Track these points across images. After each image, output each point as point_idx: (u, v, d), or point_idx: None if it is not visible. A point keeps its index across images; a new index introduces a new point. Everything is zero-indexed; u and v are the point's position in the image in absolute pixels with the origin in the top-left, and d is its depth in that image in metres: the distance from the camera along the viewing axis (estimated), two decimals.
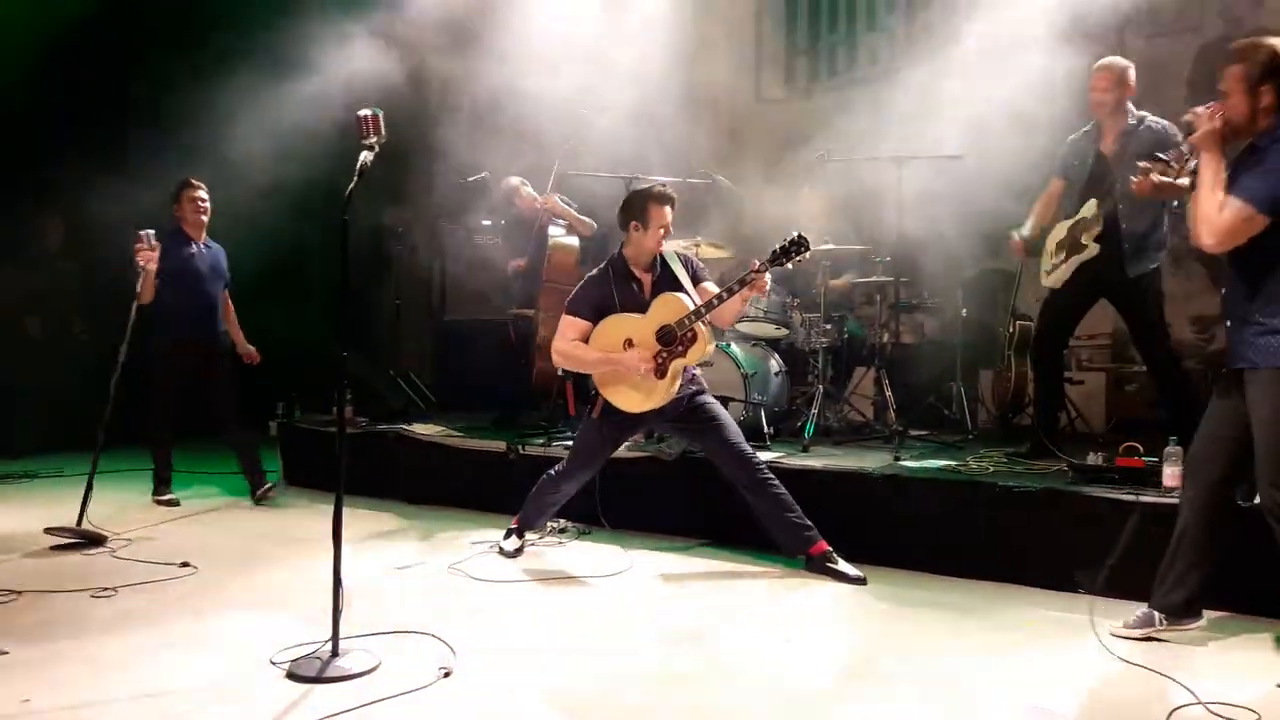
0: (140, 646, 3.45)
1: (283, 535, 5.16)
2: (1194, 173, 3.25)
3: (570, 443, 5.46)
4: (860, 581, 4.18)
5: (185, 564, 4.44)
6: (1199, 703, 2.91)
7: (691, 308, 4.26)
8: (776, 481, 4.35)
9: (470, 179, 7.14)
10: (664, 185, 4.52)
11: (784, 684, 3.16)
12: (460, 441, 5.91)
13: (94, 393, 5.07)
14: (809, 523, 4.31)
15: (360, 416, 6.23)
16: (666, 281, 4.44)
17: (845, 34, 8.03)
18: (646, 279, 4.47)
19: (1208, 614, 3.52)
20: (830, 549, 4.30)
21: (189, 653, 3.40)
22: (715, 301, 4.24)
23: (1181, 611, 3.44)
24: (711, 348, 4.37)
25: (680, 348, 4.29)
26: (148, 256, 5.39)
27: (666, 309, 4.32)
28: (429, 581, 4.32)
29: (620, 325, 4.40)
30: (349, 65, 7.02)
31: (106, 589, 4.08)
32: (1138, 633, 3.47)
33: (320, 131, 7.11)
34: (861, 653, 3.45)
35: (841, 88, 7.90)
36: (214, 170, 6.66)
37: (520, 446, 5.55)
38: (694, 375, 4.51)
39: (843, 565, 4.25)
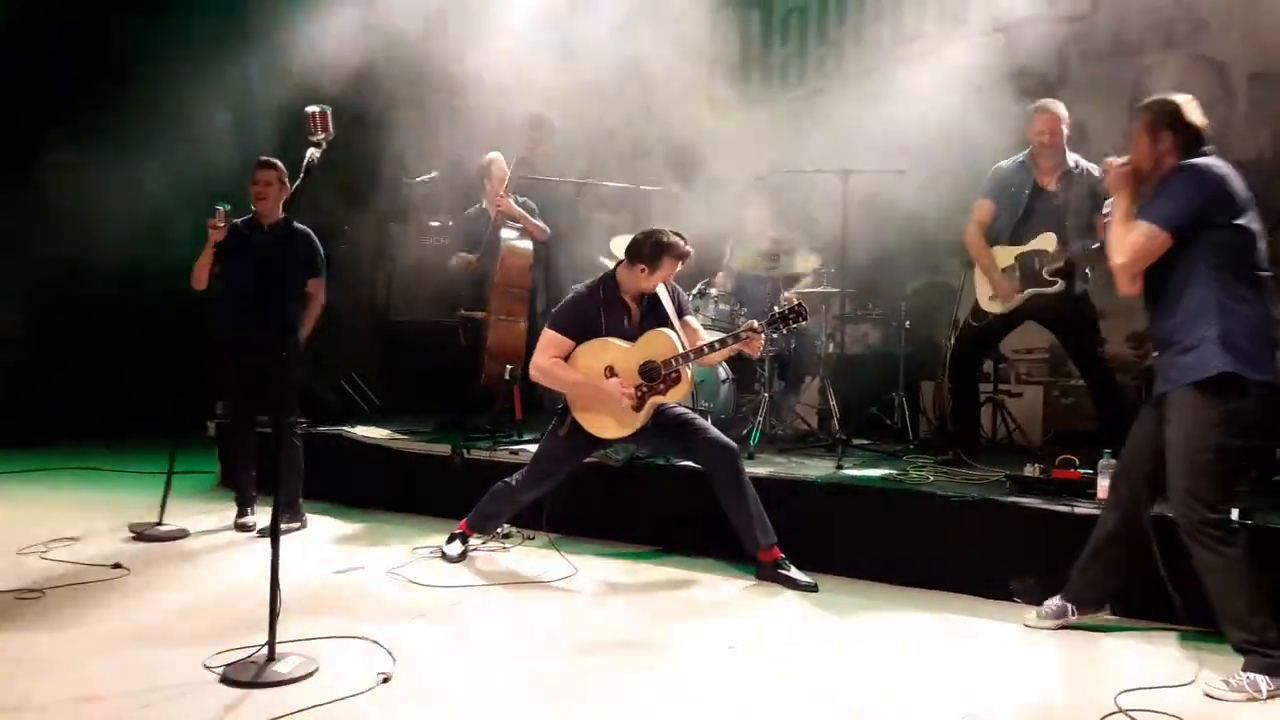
0: (67, 650, 3.36)
1: (219, 537, 5.07)
2: None
3: (516, 447, 5.46)
4: (812, 588, 4.21)
5: (117, 565, 4.34)
6: (1121, 710, 2.99)
7: (681, 350, 4.28)
8: (743, 476, 4.38)
9: (419, 179, 7.08)
10: (684, 241, 4.39)
11: (726, 691, 3.17)
12: (403, 445, 5.85)
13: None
14: (770, 526, 4.35)
15: (301, 418, 6.13)
16: (654, 312, 4.45)
17: (797, 47, 8.11)
18: (635, 308, 4.48)
19: (1139, 624, 3.62)
20: (783, 556, 4.33)
21: (119, 657, 3.32)
22: (705, 349, 4.28)
23: (1091, 603, 3.69)
24: (688, 392, 4.40)
25: (662, 386, 4.31)
26: (215, 234, 4.95)
27: (655, 345, 4.33)
28: (369, 585, 4.26)
29: (604, 351, 4.39)
30: (298, 64, 6.94)
31: (33, 591, 3.97)
32: (1052, 624, 3.68)
33: (266, 129, 7.04)
34: (803, 660, 3.47)
35: (792, 100, 7.97)
36: (155, 162, 6.56)
37: (465, 451, 5.51)
38: None
39: (794, 572, 4.29)
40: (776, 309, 4.29)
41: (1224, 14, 5.80)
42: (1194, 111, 3.34)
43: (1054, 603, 3.74)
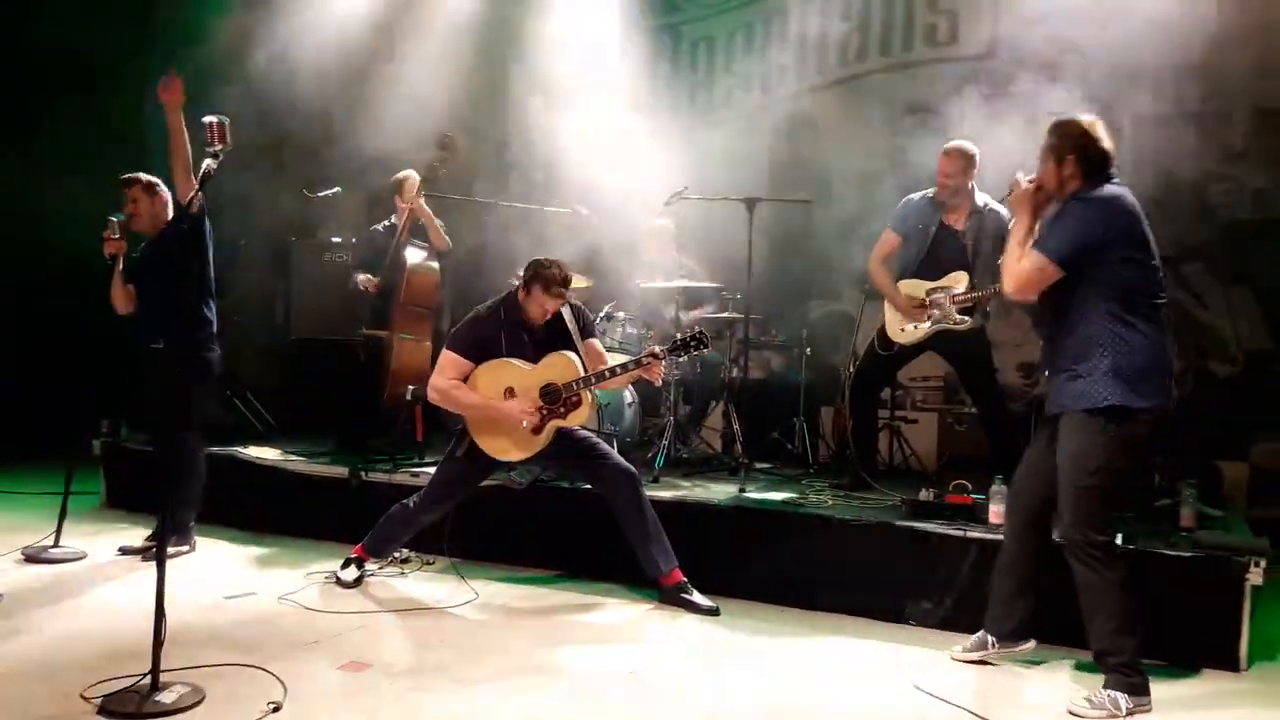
0: None
1: (101, 561, 4.84)
2: None
3: (416, 469, 5.37)
4: (713, 612, 4.23)
5: None
6: None
7: (582, 374, 4.26)
8: (644, 501, 4.38)
9: (320, 194, 6.94)
10: (561, 272, 4.32)
11: (627, 716, 3.16)
12: (299, 466, 5.69)
13: None
14: (671, 550, 4.35)
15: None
16: (556, 333, 4.41)
17: (705, 75, 8.24)
18: (536, 329, 4.43)
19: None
20: (685, 580, 4.34)
21: None
22: (606, 374, 4.28)
23: (1011, 635, 3.67)
24: (588, 416, 4.38)
25: (562, 409, 4.29)
26: (113, 247, 4.86)
27: (556, 368, 4.31)
28: (260, 612, 4.12)
29: (503, 372, 4.36)
30: (200, 74, 6.77)
31: None
32: (974, 655, 3.71)
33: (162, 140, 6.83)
34: (703, 684, 3.48)
35: (700, 127, 8.09)
36: (46, 176, 6.32)
37: (364, 473, 5.39)
38: None
39: (696, 596, 4.30)
40: (678, 336, 4.30)
41: (1109, 56, 6.10)
42: (1101, 134, 3.37)
43: (977, 635, 3.75)
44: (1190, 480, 4.55)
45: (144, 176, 4.96)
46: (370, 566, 4.66)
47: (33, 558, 4.76)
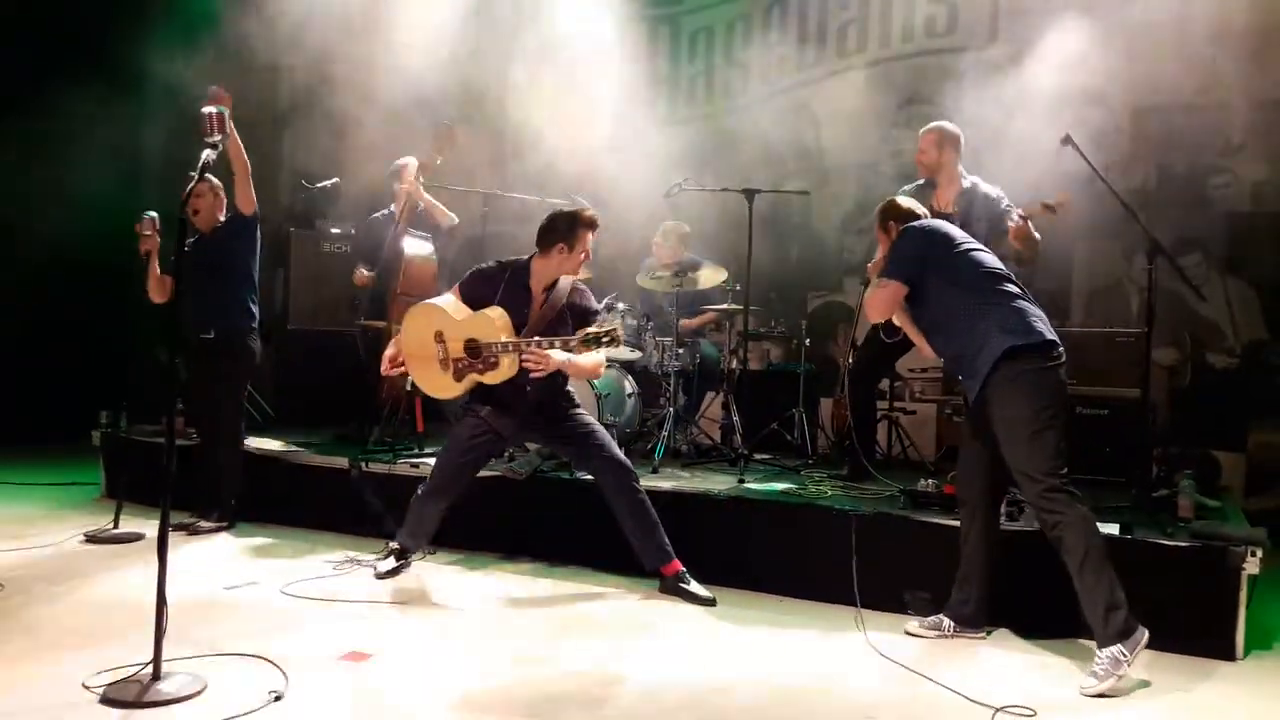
0: None
1: (102, 551, 4.86)
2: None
3: (417, 460, 5.38)
4: (710, 603, 4.24)
5: None
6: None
7: (501, 339, 4.21)
8: (646, 496, 4.39)
9: (318, 185, 6.94)
10: (590, 209, 4.43)
11: (629, 706, 3.18)
12: (299, 457, 5.70)
13: None
14: (668, 541, 4.36)
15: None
16: (555, 314, 4.38)
17: (704, 66, 8.23)
18: (540, 298, 4.40)
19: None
20: (684, 570, 4.35)
21: None
22: (524, 344, 4.16)
23: (968, 621, 3.87)
24: (507, 376, 4.25)
25: (480, 366, 4.28)
26: (149, 244, 5.08)
27: (482, 325, 4.28)
28: (261, 602, 4.13)
29: (440, 315, 4.37)
30: (195, 66, 6.76)
31: None
32: (930, 634, 3.90)
33: (160, 133, 6.84)
34: (702, 674, 3.50)
35: (698, 119, 8.09)
36: (50, 168, 6.32)
37: (364, 464, 5.40)
38: (567, 390, 4.53)
39: (694, 586, 4.31)
40: (592, 331, 4.04)
41: (1108, 48, 6.10)
42: (905, 201, 4.10)
43: (935, 617, 3.94)
44: (1188, 471, 4.58)
45: (212, 179, 5.12)
46: (411, 558, 4.66)
47: (94, 538, 5.01)
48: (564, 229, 4.33)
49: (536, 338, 4.21)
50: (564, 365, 4.24)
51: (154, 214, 5.10)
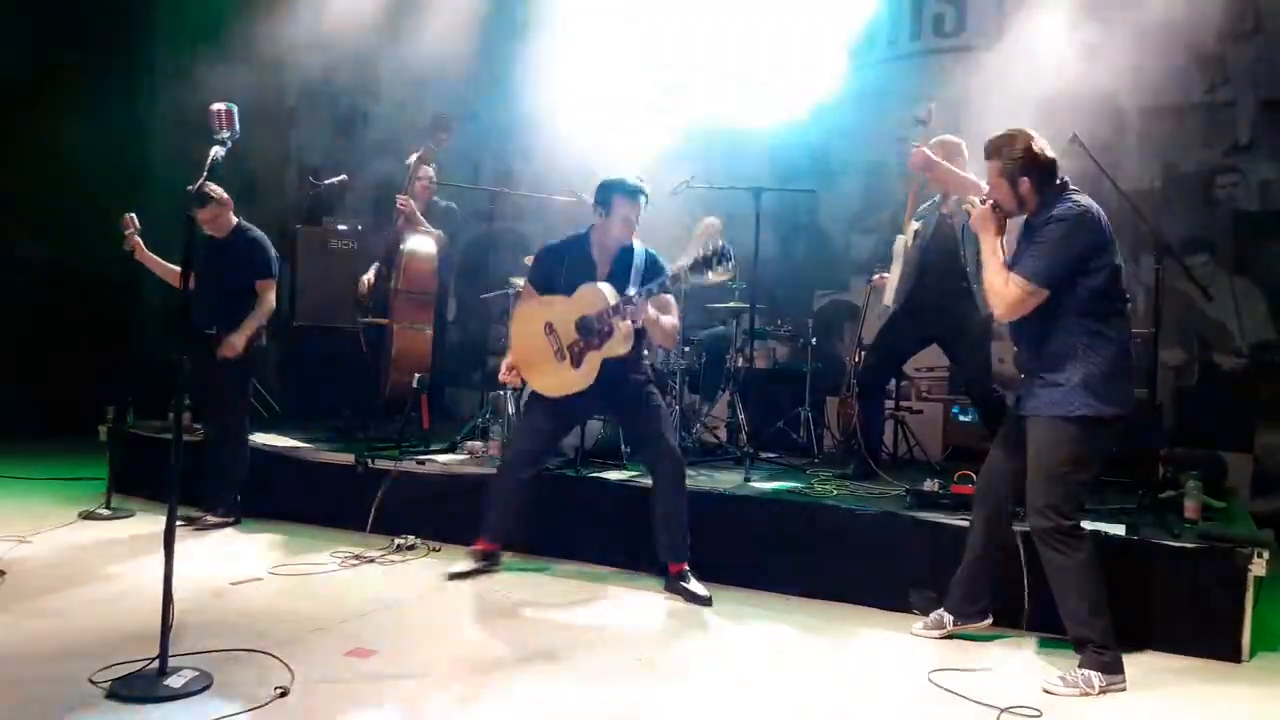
0: None
1: (109, 545, 4.87)
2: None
3: (423, 457, 5.38)
4: (706, 602, 4.24)
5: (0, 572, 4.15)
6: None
7: (611, 303, 4.23)
8: (685, 491, 4.40)
9: (325, 182, 6.95)
10: (639, 179, 4.44)
11: (635, 703, 3.18)
12: (306, 453, 5.71)
13: None
14: (688, 541, 4.38)
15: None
16: (620, 273, 4.39)
17: None
18: (604, 266, 4.43)
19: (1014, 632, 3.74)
20: (687, 569, 4.36)
21: None
22: (635, 298, 4.19)
23: (969, 614, 3.85)
24: (627, 345, 4.26)
25: (596, 340, 4.27)
26: (130, 241, 5.28)
27: (586, 300, 4.29)
28: (267, 597, 4.14)
29: (544, 309, 4.39)
30: (202, 64, 6.78)
31: None
32: (936, 633, 3.86)
33: (168, 130, 6.85)
34: (708, 672, 3.50)
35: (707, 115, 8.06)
36: (55, 166, 6.33)
37: (370, 460, 5.41)
38: (644, 365, 4.54)
39: (693, 585, 4.31)
40: (701, 253, 4.06)
41: (1116, 46, 6.09)
42: (1044, 146, 3.46)
43: (936, 614, 3.91)
44: (1194, 472, 4.57)
45: (218, 193, 5.28)
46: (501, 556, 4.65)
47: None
48: (600, 196, 4.40)
49: (638, 289, 4.23)
50: (651, 323, 4.28)
51: (132, 214, 5.30)
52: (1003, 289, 3.45)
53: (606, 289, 4.29)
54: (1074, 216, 3.38)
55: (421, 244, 6.10)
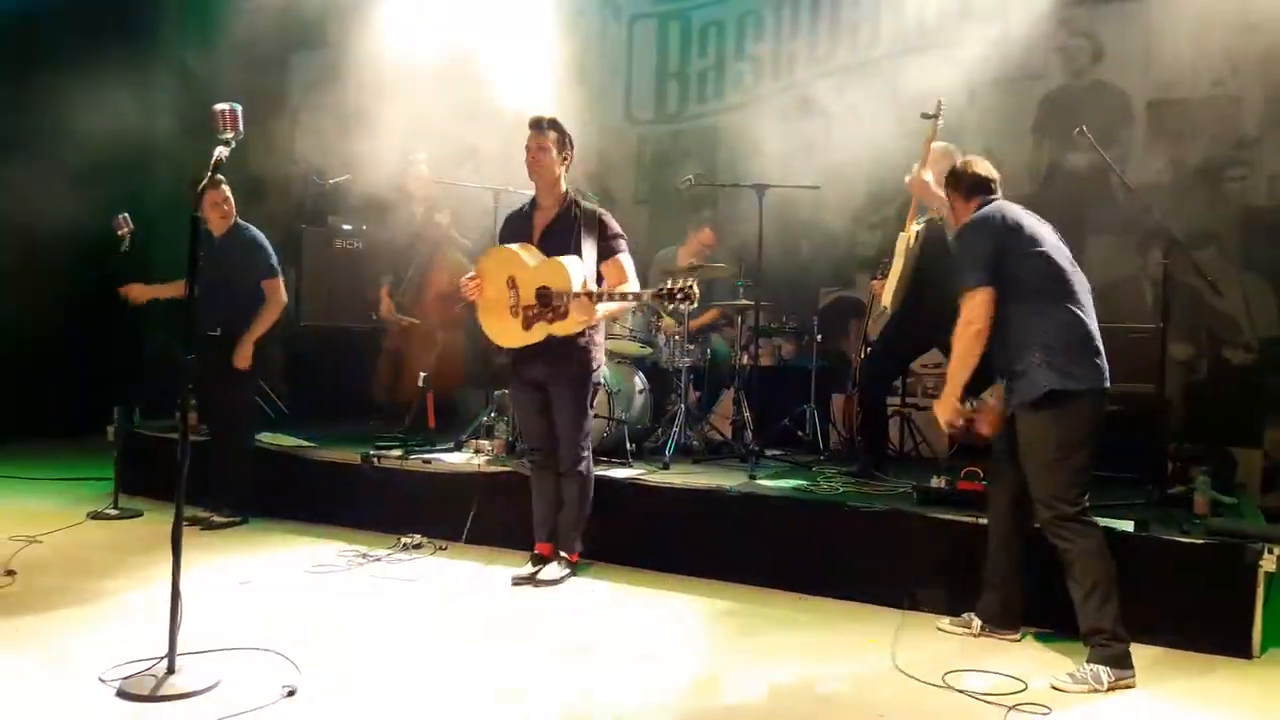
0: None
1: (117, 545, 4.88)
2: None
3: (430, 455, 5.38)
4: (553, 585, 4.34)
5: (11, 572, 4.17)
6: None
7: (573, 289, 4.19)
8: (578, 494, 4.46)
9: (332, 181, 6.95)
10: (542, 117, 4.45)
11: (642, 701, 3.18)
12: (312, 452, 5.71)
13: None
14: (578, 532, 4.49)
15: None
16: (558, 232, 4.40)
17: (715, 60, 8.20)
18: (539, 218, 4.47)
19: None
20: (550, 555, 4.48)
21: (6, 667, 3.17)
22: (601, 297, 4.20)
23: (999, 621, 3.81)
24: (575, 330, 4.28)
25: (549, 315, 4.27)
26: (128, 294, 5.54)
27: (554, 274, 4.26)
28: (274, 596, 4.15)
29: (513, 260, 4.37)
30: (204, 62, 6.78)
31: None
32: (959, 631, 3.87)
33: (167, 130, 6.85)
34: (714, 669, 3.50)
35: (709, 114, 8.06)
36: (55, 165, 6.34)
37: (376, 459, 5.41)
38: (594, 353, 4.47)
39: (548, 570, 4.42)
40: (665, 286, 4.01)
41: (1123, 42, 6.05)
42: (967, 164, 3.87)
43: (966, 615, 3.89)
44: (1203, 467, 4.55)
45: (224, 186, 5.36)
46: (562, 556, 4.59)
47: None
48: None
49: (604, 289, 4.26)
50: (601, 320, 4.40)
51: (125, 214, 5.40)
52: (961, 327, 3.58)
53: (575, 272, 4.23)
54: (975, 221, 3.69)
55: (454, 244, 6.15)
